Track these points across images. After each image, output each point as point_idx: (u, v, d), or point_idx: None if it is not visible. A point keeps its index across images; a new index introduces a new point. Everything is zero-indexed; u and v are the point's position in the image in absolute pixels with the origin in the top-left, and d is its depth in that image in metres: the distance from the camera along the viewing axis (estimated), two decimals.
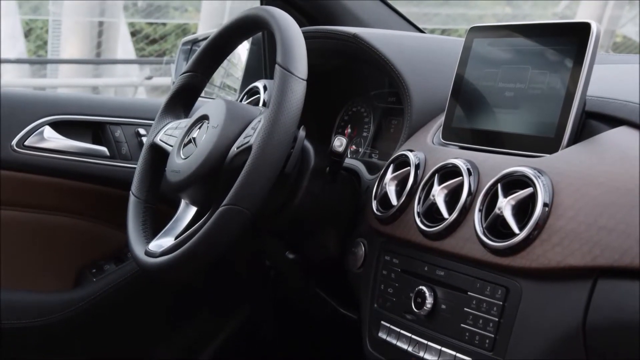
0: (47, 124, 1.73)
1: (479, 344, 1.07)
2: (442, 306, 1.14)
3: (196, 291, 1.92)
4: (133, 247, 1.37)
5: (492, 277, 1.07)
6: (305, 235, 1.41)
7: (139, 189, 1.44)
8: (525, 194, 1.04)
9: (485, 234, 1.07)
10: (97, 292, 1.75)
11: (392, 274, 1.24)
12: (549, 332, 1.00)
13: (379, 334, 1.25)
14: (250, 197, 1.18)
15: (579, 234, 0.97)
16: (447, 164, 1.18)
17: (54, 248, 1.77)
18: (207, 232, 1.21)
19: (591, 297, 0.96)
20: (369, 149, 1.59)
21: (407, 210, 1.22)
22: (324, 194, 1.36)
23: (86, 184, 1.75)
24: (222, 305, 1.97)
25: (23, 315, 1.70)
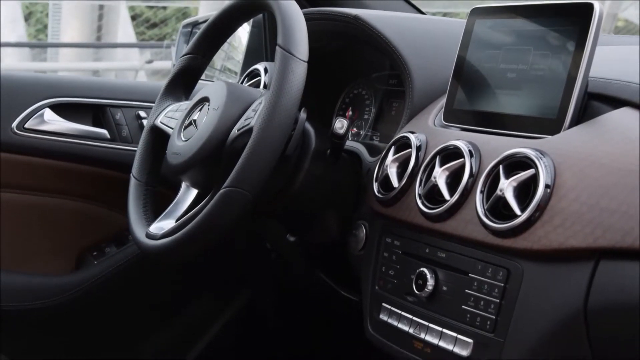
0: (48, 107, 1.72)
1: (480, 325, 1.07)
2: (443, 288, 1.14)
3: (197, 274, 1.92)
4: (134, 229, 1.37)
5: (494, 258, 1.07)
6: (306, 218, 1.41)
7: (140, 171, 1.44)
8: (527, 175, 1.04)
9: (487, 215, 1.07)
10: (98, 275, 1.75)
11: (393, 256, 1.24)
12: (550, 313, 0.99)
13: (380, 316, 1.25)
14: (251, 180, 1.18)
15: (580, 215, 0.96)
16: (449, 146, 1.17)
17: (55, 231, 1.77)
18: (207, 215, 1.20)
19: (593, 278, 0.95)
20: (370, 131, 1.59)
21: (409, 192, 1.22)
22: (325, 176, 1.36)
23: (86, 166, 1.75)
24: (223, 288, 1.97)
25: (24, 298, 1.70)
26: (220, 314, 1.97)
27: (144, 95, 1.82)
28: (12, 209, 1.72)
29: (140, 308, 1.87)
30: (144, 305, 1.88)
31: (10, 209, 1.71)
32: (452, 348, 1.11)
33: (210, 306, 1.97)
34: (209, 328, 1.97)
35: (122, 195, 1.45)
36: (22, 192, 1.72)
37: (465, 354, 1.09)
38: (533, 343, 1.01)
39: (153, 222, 1.36)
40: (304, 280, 1.70)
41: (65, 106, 1.74)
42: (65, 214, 1.77)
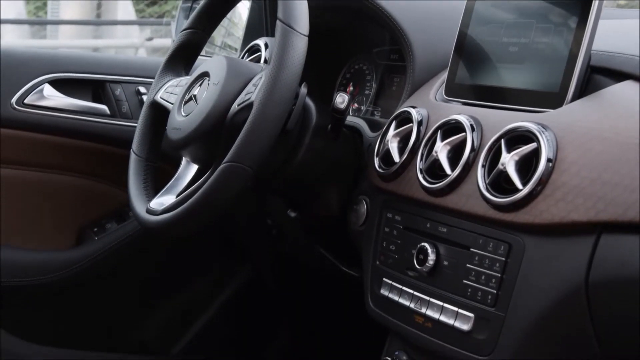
0: (47, 82, 1.71)
1: (481, 299, 1.07)
2: (444, 262, 1.14)
3: (198, 250, 1.92)
4: (134, 205, 1.37)
5: (495, 233, 1.07)
6: (307, 193, 1.41)
7: (140, 147, 1.44)
8: (528, 149, 1.03)
9: (488, 189, 1.06)
10: (99, 251, 1.76)
11: (394, 231, 1.24)
12: (551, 288, 0.99)
13: (381, 291, 1.25)
14: (252, 154, 1.17)
15: (582, 189, 0.96)
16: (450, 120, 1.17)
17: (55, 207, 1.76)
18: (208, 190, 1.20)
19: (594, 252, 0.95)
20: (371, 106, 1.58)
21: (410, 167, 1.22)
22: (325, 152, 1.35)
23: (86, 142, 1.74)
24: (224, 264, 1.97)
25: (24, 274, 1.70)
26: (221, 290, 1.97)
27: (143, 70, 1.81)
28: (12, 184, 1.71)
29: (141, 284, 1.88)
30: (145, 281, 1.88)
31: (10, 184, 1.71)
32: (453, 322, 1.11)
33: (211, 282, 1.97)
34: (210, 304, 1.97)
35: (122, 171, 1.44)
36: (22, 168, 1.72)
37: (466, 328, 1.09)
38: (534, 317, 1.01)
39: (153, 197, 1.36)
40: (304, 256, 1.70)
41: (65, 82, 1.74)
42: (65, 190, 1.76)
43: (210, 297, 1.97)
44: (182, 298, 1.95)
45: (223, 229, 1.90)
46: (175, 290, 1.93)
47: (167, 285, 1.92)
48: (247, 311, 2.01)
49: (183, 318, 1.95)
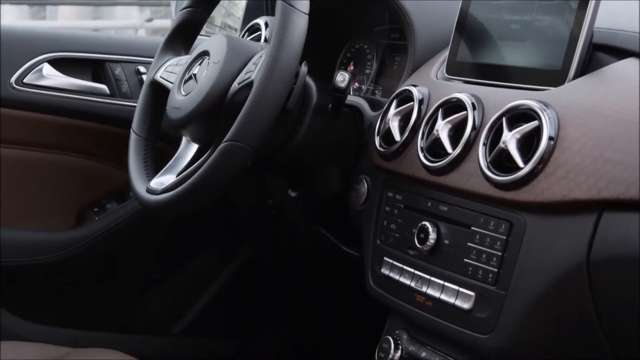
0: (46, 61, 1.70)
1: (482, 278, 1.07)
2: (445, 241, 1.14)
3: (198, 231, 1.92)
4: (134, 184, 1.37)
5: (496, 211, 1.06)
6: (307, 173, 1.41)
7: (140, 126, 1.43)
8: (530, 127, 1.03)
9: (490, 168, 1.06)
10: (99, 231, 1.75)
11: (394, 210, 1.24)
12: (552, 266, 0.99)
13: (382, 270, 1.24)
14: (252, 133, 1.17)
15: (584, 167, 0.96)
16: (451, 99, 1.16)
17: (55, 186, 1.76)
18: (208, 169, 1.20)
19: (596, 230, 0.95)
20: (372, 85, 1.58)
21: (411, 146, 1.21)
22: (326, 131, 1.35)
23: (86, 122, 1.74)
24: (223, 245, 1.97)
25: (25, 254, 1.70)
26: (221, 271, 1.97)
27: (143, 50, 1.80)
28: (12, 164, 1.71)
29: (141, 264, 1.88)
30: (144, 261, 1.88)
31: (10, 164, 1.70)
32: (454, 301, 1.11)
33: (211, 263, 1.97)
34: (210, 284, 1.97)
35: (122, 151, 1.44)
36: (21, 147, 1.71)
37: (467, 307, 1.09)
38: (535, 296, 1.01)
39: (153, 177, 1.36)
40: (305, 236, 1.70)
41: (64, 61, 1.73)
42: (65, 170, 1.76)
43: (210, 277, 1.97)
44: (182, 278, 1.95)
45: (223, 210, 1.89)
46: (175, 270, 1.93)
47: (167, 265, 1.92)
48: (247, 292, 2.01)
49: (183, 298, 1.96)
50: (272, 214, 1.75)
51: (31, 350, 1.45)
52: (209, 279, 1.97)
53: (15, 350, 1.45)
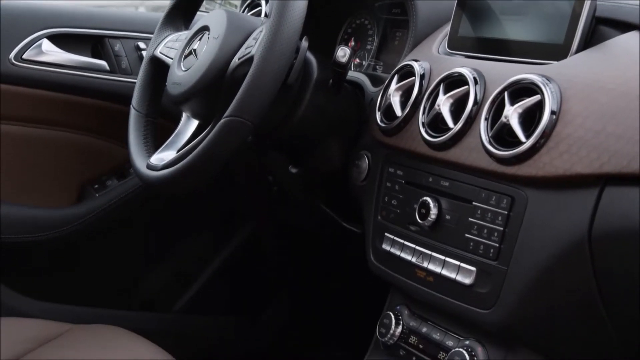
0: (46, 37, 1.69)
1: (483, 253, 1.07)
2: (446, 217, 1.13)
3: (199, 209, 1.92)
4: (134, 160, 1.36)
5: (498, 186, 1.06)
6: (308, 149, 1.40)
7: (140, 102, 1.42)
8: (532, 101, 1.02)
9: (491, 143, 1.05)
10: (100, 208, 1.75)
11: (396, 185, 1.23)
12: (554, 241, 0.99)
13: (383, 246, 1.24)
14: (252, 109, 1.16)
15: (587, 141, 0.95)
16: (453, 73, 1.16)
17: (55, 163, 1.75)
18: (208, 144, 1.19)
19: (597, 205, 0.94)
20: (373, 61, 1.57)
21: (412, 121, 1.21)
22: (327, 106, 1.34)
23: (86, 98, 1.73)
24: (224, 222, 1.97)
25: (25, 230, 1.70)
26: (222, 248, 1.97)
27: (143, 26, 1.79)
28: (12, 141, 1.70)
29: (141, 241, 1.87)
30: (145, 238, 1.88)
31: (10, 141, 1.70)
32: (455, 276, 1.11)
33: (211, 241, 1.97)
34: (212, 262, 1.97)
35: (122, 128, 1.43)
36: (21, 124, 1.70)
37: (468, 282, 1.09)
38: (536, 271, 1.01)
39: (154, 153, 1.35)
40: (305, 213, 1.69)
41: (63, 37, 1.72)
42: (65, 147, 1.75)
43: (210, 255, 1.97)
44: (183, 256, 1.95)
45: (223, 187, 1.89)
46: (177, 247, 1.93)
47: (167, 242, 1.92)
48: (248, 269, 2.01)
49: (184, 276, 1.96)
50: (273, 190, 1.74)
51: (32, 326, 1.45)
52: (210, 257, 1.97)
53: (16, 326, 1.45)
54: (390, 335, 1.24)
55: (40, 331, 1.42)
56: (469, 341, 1.13)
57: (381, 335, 1.25)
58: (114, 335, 1.41)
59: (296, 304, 2.07)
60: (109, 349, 1.36)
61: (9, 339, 1.39)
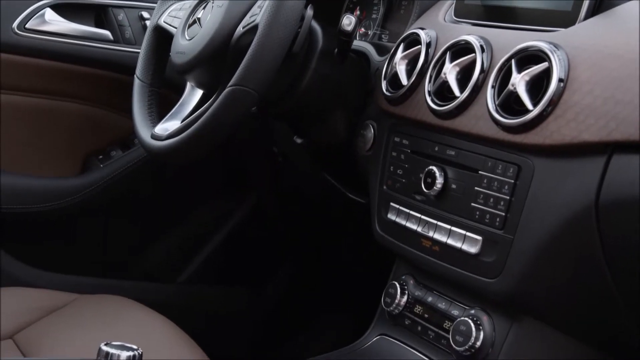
0: (48, 6, 1.68)
1: (489, 222, 1.06)
2: (452, 186, 1.13)
3: (203, 180, 1.91)
4: (139, 130, 1.36)
5: (504, 155, 1.05)
6: (313, 119, 1.39)
7: (144, 72, 1.42)
8: (540, 69, 1.01)
9: (498, 111, 1.05)
10: (104, 179, 1.75)
11: (401, 155, 1.23)
12: (561, 209, 0.98)
13: (388, 216, 1.24)
14: (257, 78, 1.15)
15: (594, 109, 0.94)
16: (460, 41, 1.15)
17: (59, 134, 1.75)
18: (213, 114, 1.18)
19: (605, 173, 0.94)
20: (379, 30, 1.55)
21: (418, 90, 1.20)
22: (332, 76, 1.33)
23: (89, 68, 1.72)
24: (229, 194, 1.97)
25: (30, 201, 1.69)
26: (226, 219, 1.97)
27: None
28: (17, 111, 1.69)
29: (146, 212, 1.87)
30: (150, 209, 1.88)
31: (14, 111, 1.69)
32: (461, 245, 1.10)
33: (216, 211, 1.97)
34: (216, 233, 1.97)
35: (126, 98, 1.43)
36: (24, 94, 1.69)
37: (474, 251, 1.08)
38: (543, 240, 1.01)
39: (158, 123, 1.35)
40: (310, 184, 1.69)
41: (67, 6, 1.70)
42: (69, 117, 1.75)
43: (215, 226, 1.97)
44: (187, 227, 1.94)
45: (228, 158, 1.88)
46: (181, 218, 1.93)
47: (172, 213, 1.92)
48: (253, 240, 2.01)
49: (188, 247, 1.95)
50: (278, 161, 1.74)
51: (37, 295, 1.45)
52: (214, 228, 1.97)
53: (22, 296, 1.45)
54: (395, 305, 1.24)
55: (46, 301, 1.43)
56: (475, 310, 1.13)
57: (386, 305, 1.25)
58: (120, 305, 1.41)
59: (300, 275, 2.07)
60: (115, 318, 1.36)
61: (15, 309, 1.39)
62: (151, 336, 1.30)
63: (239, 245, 1.99)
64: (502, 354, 1.08)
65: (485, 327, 1.10)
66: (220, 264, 1.98)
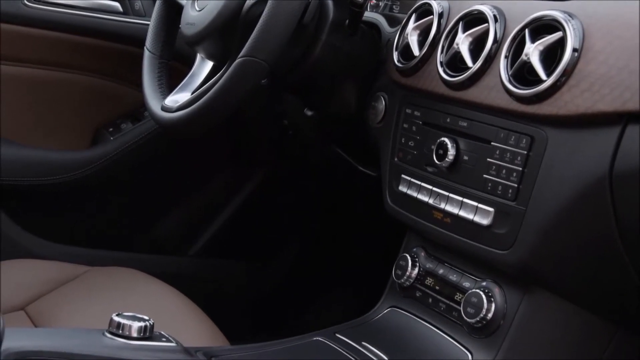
0: None
1: (501, 194, 1.06)
2: (464, 157, 1.12)
3: (213, 153, 1.91)
4: (149, 102, 1.35)
5: (517, 126, 1.04)
6: (324, 91, 1.39)
7: (154, 44, 1.41)
8: (554, 38, 1.00)
9: (511, 81, 1.04)
10: (114, 151, 1.75)
11: (413, 126, 1.22)
12: (574, 180, 0.98)
13: (399, 188, 1.23)
14: (268, 48, 1.15)
15: (609, 79, 0.93)
16: (472, 11, 1.13)
17: (70, 107, 1.75)
18: (223, 85, 1.18)
19: (619, 143, 0.93)
20: (390, 1, 1.54)
21: (430, 61, 1.19)
22: (343, 47, 1.32)
23: (99, 40, 1.71)
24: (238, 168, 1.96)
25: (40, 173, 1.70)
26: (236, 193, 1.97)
27: None
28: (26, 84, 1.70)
29: (156, 185, 1.87)
30: (160, 182, 1.88)
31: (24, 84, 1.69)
32: (473, 217, 1.10)
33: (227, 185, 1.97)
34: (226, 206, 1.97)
35: (136, 71, 1.42)
36: (35, 66, 1.69)
37: (486, 223, 1.08)
38: (555, 210, 1.00)
39: (168, 95, 1.34)
40: (320, 157, 1.68)
41: None
42: (79, 90, 1.75)
43: (225, 199, 1.97)
44: (197, 200, 1.95)
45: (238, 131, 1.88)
46: (191, 192, 1.93)
47: (181, 187, 1.92)
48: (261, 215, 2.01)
49: (198, 220, 1.96)
50: (288, 134, 1.73)
51: (48, 267, 1.46)
52: (224, 202, 1.97)
53: (33, 268, 1.46)
54: (406, 277, 1.24)
55: (58, 273, 1.43)
56: (486, 282, 1.12)
57: (397, 277, 1.25)
58: (131, 276, 1.42)
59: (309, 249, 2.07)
60: (126, 289, 1.37)
61: (27, 280, 1.40)
62: (162, 307, 1.30)
63: (249, 219, 1.99)
64: (514, 326, 1.08)
65: (497, 298, 1.10)
66: (229, 237, 1.98)
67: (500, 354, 1.08)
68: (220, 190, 1.96)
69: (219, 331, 1.27)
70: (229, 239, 1.98)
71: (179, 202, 1.92)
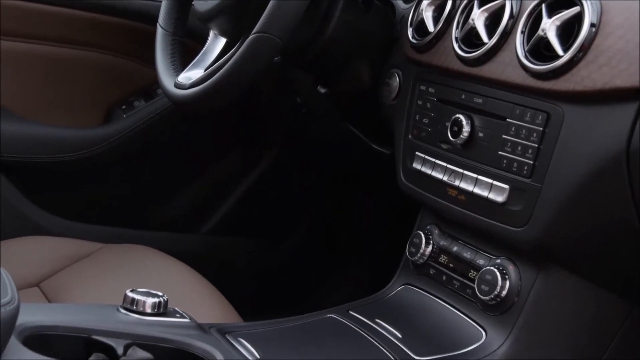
0: None
1: (517, 171, 1.05)
2: (479, 134, 1.11)
3: (226, 131, 1.91)
4: (162, 79, 1.35)
5: (533, 102, 1.04)
6: (337, 68, 1.38)
7: (167, 21, 1.40)
8: (571, 13, 0.99)
9: (527, 57, 1.03)
10: (127, 129, 1.74)
11: (427, 103, 1.21)
12: (590, 157, 0.97)
13: (414, 165, 1.23)
14: (281, 25, 1.14)
15: (627, 54, 0.92)
16: None
17: (83, 84, 1.75)
18: (237, 62, 1.17)
19: (637, 119, 0.92)
20: None
21: (445, 37, 1.18)
22: (357, 24, 1.32)
23: (112, 17, 1.71)
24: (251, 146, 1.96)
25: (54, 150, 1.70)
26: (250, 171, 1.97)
27: None
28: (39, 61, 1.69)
29: (169, 163, 1.87)
30: (172, 160, 1.87)
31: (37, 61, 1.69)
32: (487, 194, 1.09)
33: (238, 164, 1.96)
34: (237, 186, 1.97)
35: (149, 48, 1.42)
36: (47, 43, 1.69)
37: (501, 200, 1.07)
38: (571, 188, 0.99)
39: (181, 72, 1.34)
40: (334, 135, 1.68)
41: None
42: (92, 67, 1.74)
43: (238, 177, 1.97)
44: (210, 178, 1.94)
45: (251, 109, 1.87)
46: (204, 170, 1.93)
47: (194, 165, 1.92)
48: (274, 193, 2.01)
49: (211, 198, 1.96)
50: (301, 112, 1.72)
51: (62, 244, 1.46)
52: (237, 180, 1.96)
53: (48, 244, 1.46)
54: (420, 254, 1.23)
55: (72, 250, 1.44)
56: (500, 259, 1.12)
57: (411, 255, 1.25)
58: (144, 254, 1.42)
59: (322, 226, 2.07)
60: (140, 266, 1.37)
61: (41, 257, 1.40)
62: (176, 284, 1.31)
63: (261, 197, 1.99)
64: (528, 303, 1.08)
65: (512, 276, 1.09)
66: (242, 215, 1.98)
67: (515, 332, 1.08)
68: (233, 168, 1.96)
69: (232, 308, 1.28)
70: (241, 217, 1.98)
71: (192, 180, 1.92)
